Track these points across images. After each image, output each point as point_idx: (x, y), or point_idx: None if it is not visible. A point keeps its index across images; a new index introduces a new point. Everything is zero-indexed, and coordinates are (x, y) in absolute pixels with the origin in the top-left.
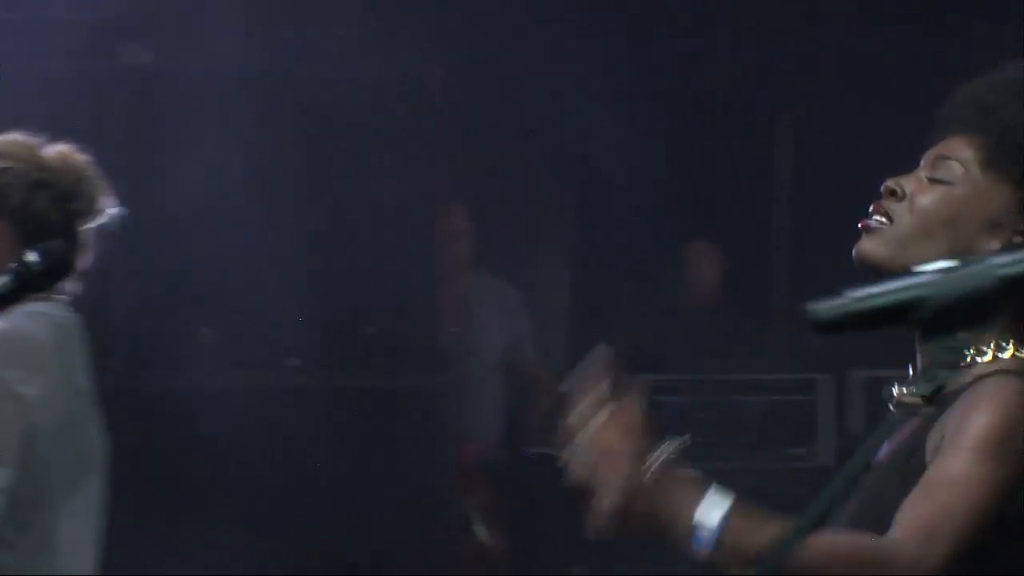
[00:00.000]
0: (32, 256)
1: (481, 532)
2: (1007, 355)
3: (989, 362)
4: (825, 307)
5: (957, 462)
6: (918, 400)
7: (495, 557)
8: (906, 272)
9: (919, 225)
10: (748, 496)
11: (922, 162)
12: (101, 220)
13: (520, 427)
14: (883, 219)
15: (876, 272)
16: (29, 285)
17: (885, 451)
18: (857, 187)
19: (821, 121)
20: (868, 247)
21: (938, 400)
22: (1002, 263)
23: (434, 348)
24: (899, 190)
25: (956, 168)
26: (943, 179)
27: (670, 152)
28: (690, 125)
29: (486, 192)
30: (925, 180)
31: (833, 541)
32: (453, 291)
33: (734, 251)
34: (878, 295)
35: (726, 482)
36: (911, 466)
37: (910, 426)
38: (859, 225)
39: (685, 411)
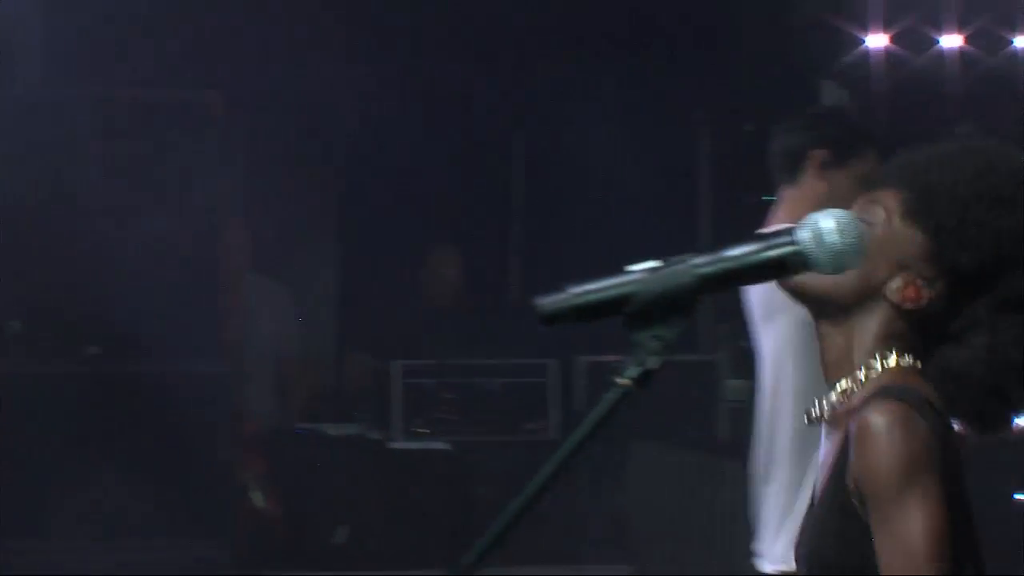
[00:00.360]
0: None
1: (258, 498)
2: (891, 363)
3: (873, 376)
4: (549, 301)
5: (886, 532)
6: (630, 382)
7: (271, 520)
8: (830, 299)
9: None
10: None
11: (855, 205)
12: None
13: (291, 407)
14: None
15: (802, 300)
16: None
17: (821, 478)
18: (583, 197)
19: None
20: (802, 279)
21: (846, 415)
22: (702, 263)
23: (217, 340)
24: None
25: (880, 212)
26: (867, 220)
27: (422, 166)
28: (440, 142)
29: (261, 203)
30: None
31: None
32: (234, 291)
33: (475, 253)
34: (593, 291)
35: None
36: (838, 500)
37: (831, 452)
38: None
39: (434, 392)
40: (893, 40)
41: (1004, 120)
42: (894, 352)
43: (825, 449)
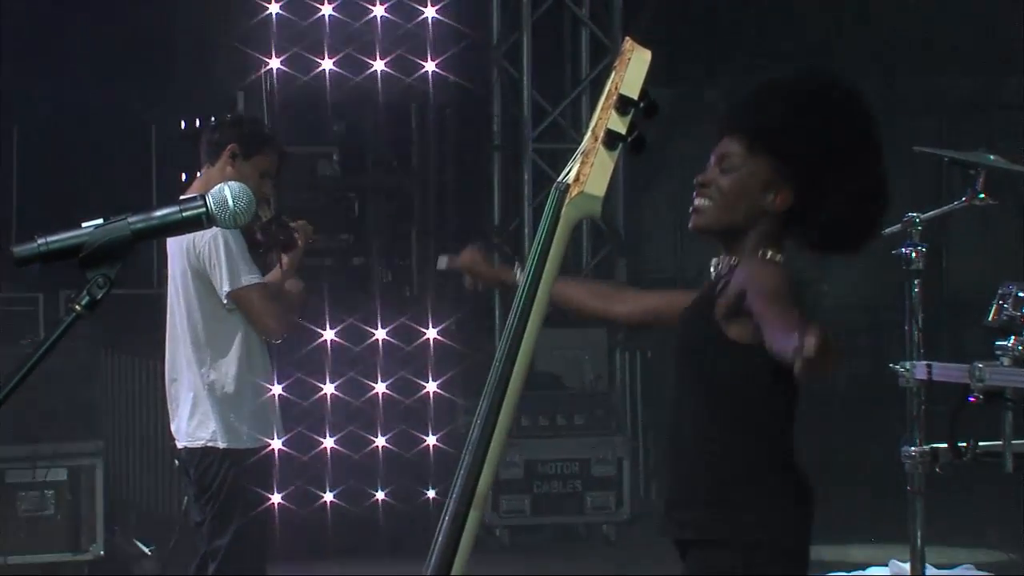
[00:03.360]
0: None
1: None
2: (772, 255)
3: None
4: (21, 248)
5: (759, 299)
6: (81, 308)
7: None
8: (725, 232)
9: (725, 201)
10: None
11: (711, 159)
12: None
13: None
14: (703, 201)
15: (709, 236)
16: None
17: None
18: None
19: None
20: (700, 221)
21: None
22: (135, 220)
23: None
24: (708, 182)
25: (735, 159)
26: (729, 168)
27: None
28: None
29: None
30: (719, 171)
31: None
32: None
33: None
34: (55, 241)
35: None
36: (706, 312)
37: (703, 294)
38: (690, 209)
39: None
40: (284, 63)
41: (370, 123)
42: (770, 252)
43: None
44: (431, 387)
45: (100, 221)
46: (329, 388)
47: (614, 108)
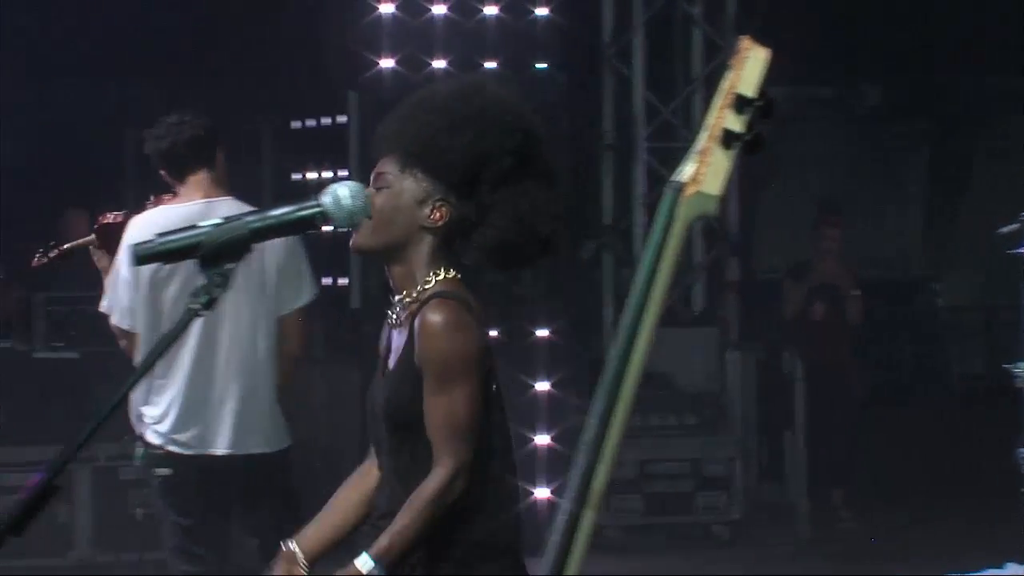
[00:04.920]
0: None
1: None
2: (443, 277)
3: (432, 285)
4: (143, 246)
5: (435, 397)
6: (200, 306)
7: None
8: (386, 251)
9: (380, 218)
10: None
11: (371, 179)
12: None
13: None
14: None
15: (374, 256)
16: None
17: (395, 356)
18: None
19: None
20: (358, 241)
21: (410, 312)
22: (252, 220)
23: None
24: (375, 202)
25: (389, 177)
26: (383, 186)
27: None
28: None
29: None
30: (374, 191)
31: (409, 512)
32: None
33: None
34: (174, 240)
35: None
36: (410, 371)
37: (401, 335)
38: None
39: (68, 316)
40: (398, 63)
41: None
42: (443, 269)
43: (396, 338)
44: (543, 386)
45: (219, 220)
46: None
47: (730, 107)
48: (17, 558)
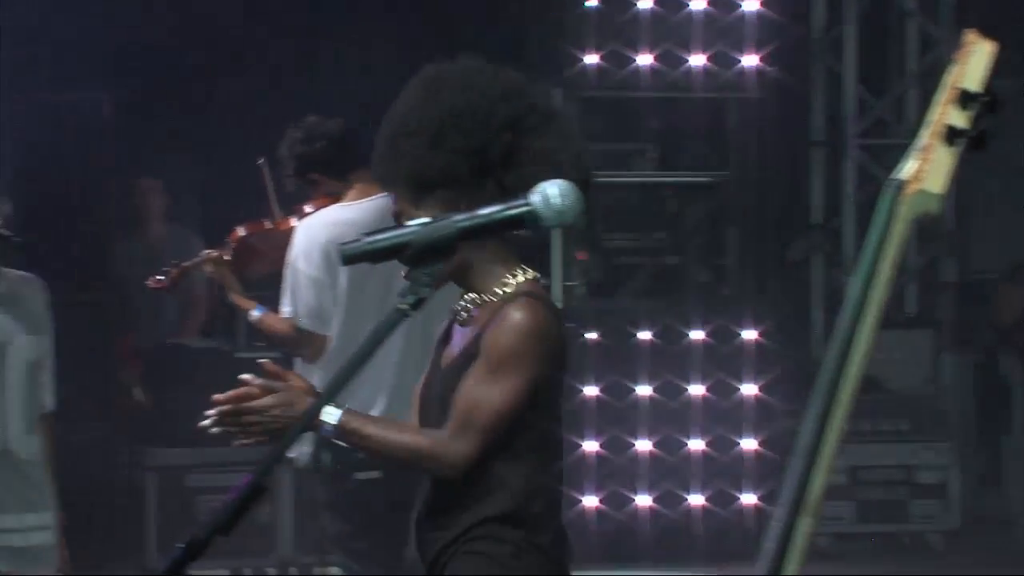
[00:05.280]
0: None
1: (137, 394)
2: (524, 278)
3: (515, 286)
4: (350, 246)
5: (479, 380)
6: (408, 307)
7: (145, 409)
8: (452, 275)
9: None
10: None
11: (397, 209)
12: None
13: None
14: None
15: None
16: None
17: (458, 349)
18: None
19: None
20: None
21: (491, 309)
22: (461, 219)
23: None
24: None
25: (409, 211)
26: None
27: None
28: None
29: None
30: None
31: (401, 433)
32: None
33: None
34: (382, 240)
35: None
36: (471, 364)
37: (472, 331)
38: None
39: None
40: (602, 58)
41: (687, 120)
42: (519, 269)
43: (460, 334)
44: (749, 390)
45: (427, 219)
46: (644, 390)
47: (954, 102)
48: (222, 558)
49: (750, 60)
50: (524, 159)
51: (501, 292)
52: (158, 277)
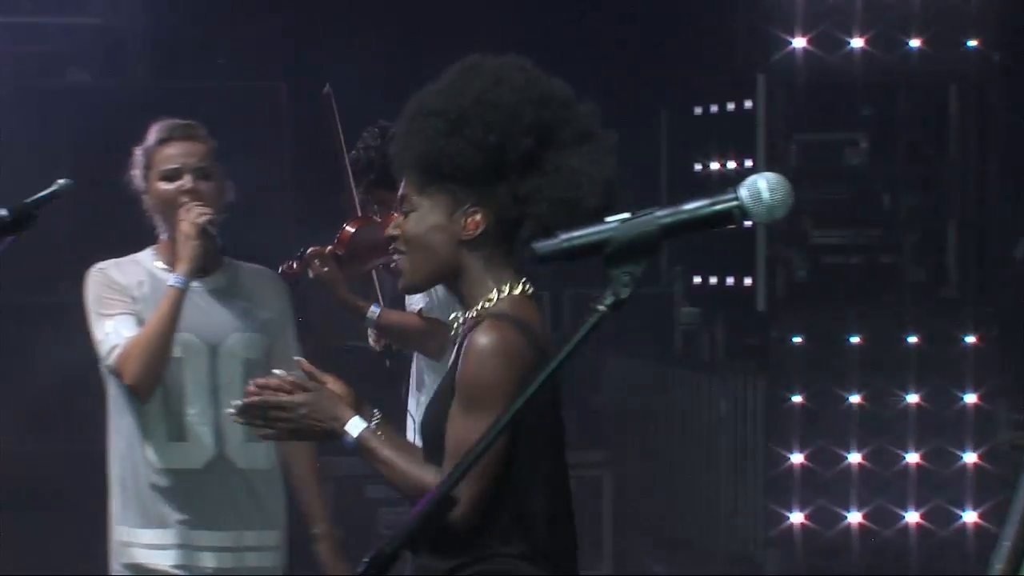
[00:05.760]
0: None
1: None
2: (508, 293)
3: (494, 303)
4: (544, 245)
5: (458, 418)
6: (606, 308)
7: None
8: (436, 279)
9: (415, 246)
10: None
11: (398, 205)
12: None
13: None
14: (400, 257)
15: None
16: None
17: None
18: None
19: None
20: (406, 282)
21: (470, 327)
22: (663, 215)
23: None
24: (396, 234)
25: (412, 199)
26: (408, 210)
27: None
28: None
29: None
30: (402, 217)
31: (416, 467)
32: None
33: None
34: (579, 237)
35: None
36: (449, 390)
37: (454, 355)
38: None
39: None
40: (811, 42)
41: (903, 107)
42: (509, 284)
43: (453, 354)
44: (970, 398)
45: (626, 216)
46: (855, 398)
47: None
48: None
49: (972, 42)
50: (544, 171)
51: (479, 310)
52: (290, 263)
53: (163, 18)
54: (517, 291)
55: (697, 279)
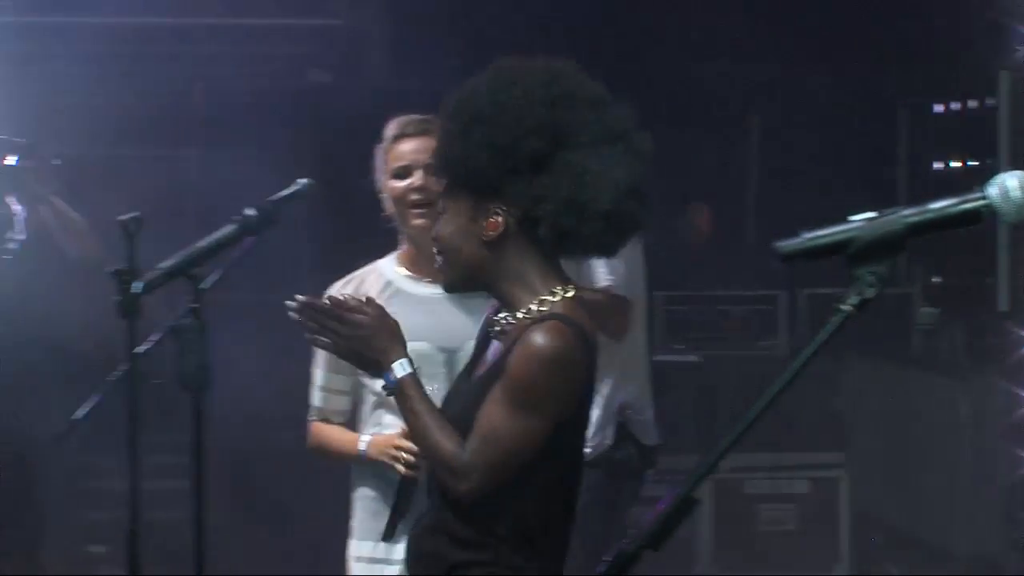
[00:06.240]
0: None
1: None
2: (562, 296)
3: (552, 303)
4: (787, 244)
5: (497, 405)
6: (851, 308)
7: None
8: (472, 280)
9: (447, 248)
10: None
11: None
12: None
13: None
14: (438, 259)
15: (470, 293)
16: None
17: (489, 361)
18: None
19: (783, 123)
20: (446, 282)
21: (522, 327)
22: (910, 214)
23: None
24: (433, 235)
25: (441, 202)
26: (441, 213)
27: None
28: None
29: None
30: (440, 221)
31: (440, 429)
32: None
33: (720, 207)
34: (822, 236)
35: (721, 366)
36: (495, 382)
37: (504, 346)
38: None
39: (688, 316)
40: None
41: None
42: (560, 287)
43: (494, 348)
44: None
45: (873, 214)
46: None
47: None
48: (639, 570)
49: None
50: (557, 171)
51: (536, 310)
52: None
53: (404, 18)
54: (571, 294)
55: (936, 279)
